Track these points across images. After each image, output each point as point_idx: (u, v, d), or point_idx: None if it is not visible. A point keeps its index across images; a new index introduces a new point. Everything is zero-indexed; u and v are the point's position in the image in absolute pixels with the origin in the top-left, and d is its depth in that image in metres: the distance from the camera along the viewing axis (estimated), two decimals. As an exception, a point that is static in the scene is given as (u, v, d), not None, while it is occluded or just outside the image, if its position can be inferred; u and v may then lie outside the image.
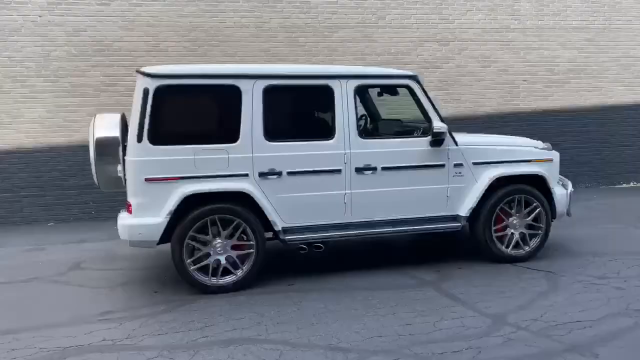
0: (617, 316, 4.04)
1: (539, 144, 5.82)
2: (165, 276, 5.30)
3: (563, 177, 5.99)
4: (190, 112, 4.83)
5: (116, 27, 8.11)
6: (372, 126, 6.09)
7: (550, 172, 5.61)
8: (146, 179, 4.57)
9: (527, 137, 9.43)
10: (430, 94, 8.93)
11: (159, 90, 4.56)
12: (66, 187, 8.16)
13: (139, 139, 4.55)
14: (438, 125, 5.07)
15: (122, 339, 3.83)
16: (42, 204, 8.14)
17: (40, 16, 7.91)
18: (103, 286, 5.11)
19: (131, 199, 4.62)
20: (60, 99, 8.07)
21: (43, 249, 6.65)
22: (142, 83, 4.58)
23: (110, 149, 4.80)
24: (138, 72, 4.66)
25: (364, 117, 6.41)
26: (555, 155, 5.74)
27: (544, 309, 4.24)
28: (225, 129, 4.77)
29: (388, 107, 6.72)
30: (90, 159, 4.91)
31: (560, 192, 5.62)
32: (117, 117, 4.91)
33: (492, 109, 9.57)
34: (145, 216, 4.59)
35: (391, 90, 5.66)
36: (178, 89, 4.66)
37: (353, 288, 4.84)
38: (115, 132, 4.81)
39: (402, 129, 5.71)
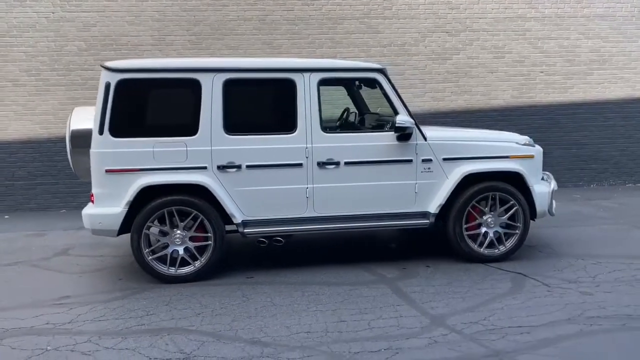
0: (563, 323, 3.82)
1: (524, 139, 5.55)
2: (137, 265, 5.45)
3: (549, 174, 5.70)
4: (151, 105, 4.92)
5: (123, 21, 8.37)
6: (343, 120, 6.01)
7: (530, 169, 5.33)
8: (107, 170, 4.73)
9: (540, 131, 9.05)
10: (436, 88, 8.67)
11: (120, 84, 4.69)
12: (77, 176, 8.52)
13: (101, 131, 4.71)
14: (401, 119, 4.94)
15: (64, 324, 4.00)
16: (55, 191, 8.57)
17: (53, 12, 8.28)
18: (77, 272, 5.34)
19: (94, 190, 4.81)
20: (72, 92, 8.43)
21: (43, 234, 7.01)
22: (104, 77, 4.72)
23: (84, 141, 4.98)
24: (101, 66, 4.81)
25: (347, 111, 6.34)
26: (537, 151, 5.46)
27: (491, 312, 4.07)
28: (184, 122, 4.84)
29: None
30: (67, 150, 5.13)
31: (541, 190, 5.34)
32: (93, 110, 5.08)
33: (506, 101, 9.19)
34: (105, 206, 4.77)
35: (367, 83, 5.56)
36: (139, 83, 4.77)
37: (308, 283, 4.82)
38: (90, 124, 4.99)
39: (376, 123, 5.60)
